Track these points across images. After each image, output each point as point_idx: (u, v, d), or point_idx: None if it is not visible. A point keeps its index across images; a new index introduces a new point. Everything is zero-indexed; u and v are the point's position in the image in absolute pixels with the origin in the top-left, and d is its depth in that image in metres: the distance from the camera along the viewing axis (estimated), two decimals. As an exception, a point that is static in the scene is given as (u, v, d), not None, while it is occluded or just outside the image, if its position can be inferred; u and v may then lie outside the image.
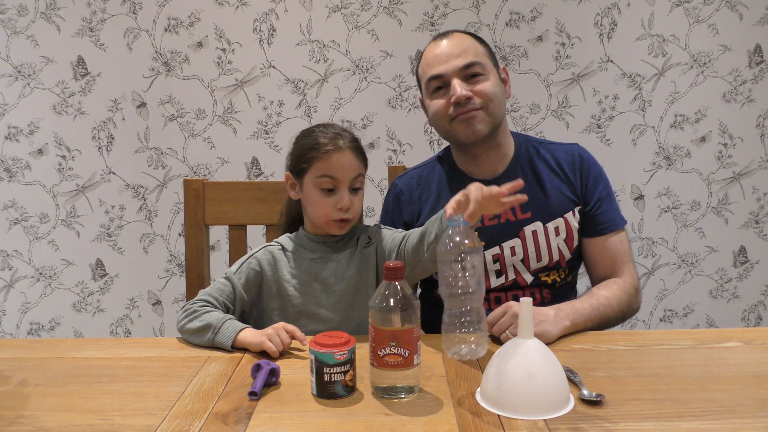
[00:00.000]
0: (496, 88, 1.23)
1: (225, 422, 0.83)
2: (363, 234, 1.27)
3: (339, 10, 2.27)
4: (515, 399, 0.83)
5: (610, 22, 2.29)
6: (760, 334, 1.11)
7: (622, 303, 1.20)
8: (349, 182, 1.19)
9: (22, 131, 2.32)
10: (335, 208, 1.18)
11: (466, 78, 1.22)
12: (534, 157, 1.30)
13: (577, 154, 1.30)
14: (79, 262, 2.39)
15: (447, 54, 1.22)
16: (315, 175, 1.19)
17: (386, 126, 2.33)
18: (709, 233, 2.42)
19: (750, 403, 0.85)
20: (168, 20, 2.27)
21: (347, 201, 1.18)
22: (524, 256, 1.25)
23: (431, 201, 1.32)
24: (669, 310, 2.47)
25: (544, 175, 1.28)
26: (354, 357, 0.91)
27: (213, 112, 2.32)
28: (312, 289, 1.21)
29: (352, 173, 1.19)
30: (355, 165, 1.19)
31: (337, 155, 1.18)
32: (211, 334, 1.08)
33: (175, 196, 2.35)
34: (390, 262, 0.88)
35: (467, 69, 1.21)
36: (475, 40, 1.26)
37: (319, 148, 1.19)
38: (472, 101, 1.21)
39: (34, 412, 0.87)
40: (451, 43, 1.24)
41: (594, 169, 1.30)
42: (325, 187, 1.19)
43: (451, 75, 1.22)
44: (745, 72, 2.33)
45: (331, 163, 1.18)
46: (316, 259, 1.23)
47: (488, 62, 1.25)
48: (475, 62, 1.22)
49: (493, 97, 1.22)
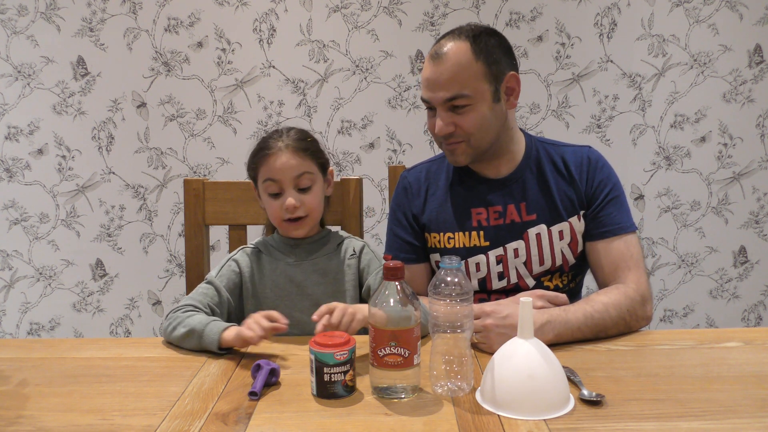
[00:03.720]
0: (483, 117, 1.18)
1: (225, 422, 0.83)
2: (347, 243, 1.27)
3: (339, 10, 2.27)
4: (515, 399, 0.83)
5: (610, 22, 2.29)
6: (760, 334, 1.11)
7: (622, 310, 1.12)
8: (292, 182, 1.18)
9: (22, 131, 2.32)
10: (282, 209, 1.18)
11: (452, 108, 1.18)
12: (543, 160, 1.28)
13: (585, 157, 1.27)
14: (79, 262, 2.39)
15: (434, 81, 1.18)
16: (261, 181, 1.20)
17: (386, 126, 2.33)
18: (709, 233, 2.42)
19: (750, 403, 0.85)
20: (168, 20, 2.27)
21: (291, 201, 1.17)
22: (527, 258, 1.24)
23: (439, 195, 1.31)
24: (669, 310, 2.47)
25: (551, 177, 1.26)
26: (354, 357, 0.91)
27: (213, 112, 2.32)
28: (287, 293, 1.21)
29: (293, 172, 1.18)
30: (296, 164, 1.18)
31: (275, 157, 1.18)
32: (197, 338, 1.06)
33: (175, 196, 2.35)
34: (390, 262, 0.89)
35: (451, 101, 1.17)
36: (472, 53, 1.16)
37: (259, 153, 1.20)
38: (454, 134, 1.19)
39: (34, 412, 0.87)
40: (441, 68, 1.17)
41: (602, 172, 1.26)
42: (271, 192, 1.20)
43: (436, 104, 1.19)
44: (745, 72, 2.33)
45: (270, 166, 1.18)
46: (291, 264, 1.23)
47: (481, 86, 1.17)
48: (460, 95, 1.16)
49: (475, 131, 1.18)
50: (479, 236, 1.26)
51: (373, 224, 2.38)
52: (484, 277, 1.26)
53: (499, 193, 1.26)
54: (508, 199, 1.26)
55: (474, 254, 1.26)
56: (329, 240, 1.27)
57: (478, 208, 1.27)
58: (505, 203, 1.26)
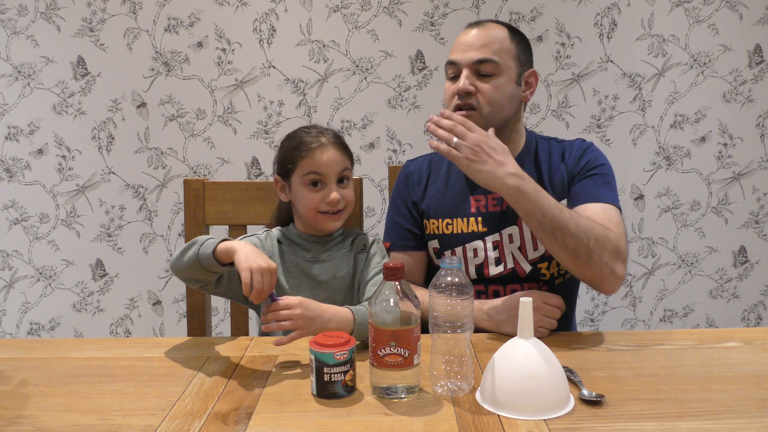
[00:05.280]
0: (503, 92, 1.21)
1: (225, 422, 0.83)
2: (360, 239, 1.29)
3: (339, 10, 2.27)
4: (515, 399, 0.83)
5: (610, 22, 2.29)
6: (760, 334, 1.11)
7: (593, 230, 1.09)
8: (335, 176, 1.22)
9: (22, 131, 2.32)
10: (323, 201, 1.21)
11: (478, 73, 1.21)
12: (540, 151, 1.31)
13: (578, 143, 1.30)
14: (79, 262, 2.39)
15: (468, 44, 1.21)
16: (302, 174, 1.22)
17: (386, 126, 2.33)
18: (709, 233, 2.42)
19: (750, 403, 0.85)
20: (168, 20, 2.27)
21: (335, 195, 1.21)
22: (521, 243, 1.25)
23: (439, 183, 1.34)
24: (669, 310, 2.47)
25: (544, 167, 1.29)
26: (354, 357, 0.91)
27: (213, 112, 2.32)
28: (301, 286, 1.23)
29: (337, 167, 1.22)
30: (340, 159, 1.22)
31: (320, 151, 1.21)
32: (197, 247, 1.04)
33: (175, 196, 2.35)
34: (390, 262, 0.89)
35: (479, 64, 1.20)
36: (509, 35, 1.23)
37: (303, 147, 1.22)
38: (472, 97, 1.21)
39: (34, 412, 0.87)
40: (479, 33, 1.22)
41: (589, 154, 1.27)
42: (314, 184, 1.22)
43: (464, 65, 1.21)
44: (745, 72, 2.33)
45: (315, 159, 1.21)
46: (308, 259, 1.25)
47: (509, 62, 1.22)
48: (490, 59, 1.20)
49: (492, 101, 1.20)
50: (477, 222, 1.28)
51: (373, 224, 2.38)
52: (481, 263, 1.27)
53: None
54: None
55: (471, 240, 1.28)
56: (346, 237, 1.29)
57: (477, 195, 1.29)
58: None
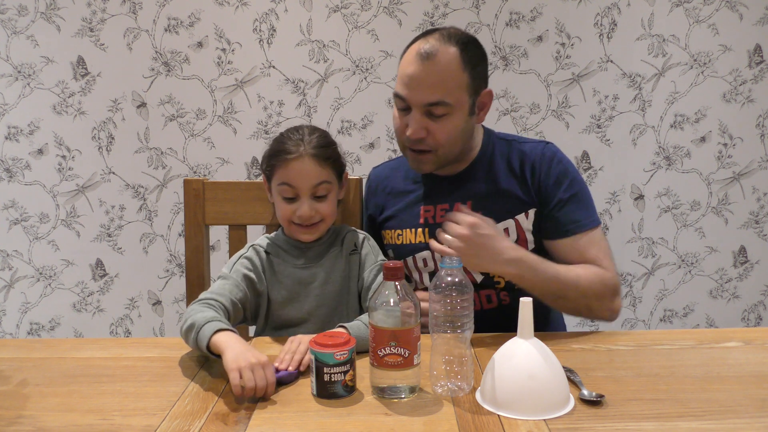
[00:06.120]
0: (457, 129, 1.17)
1: (225, 422, 0.83)
2: (349, 237, 1.26)
3: (339, 10, 2.27)
4: (515, 399, 0.83)
5: (610, 22, 2.29)
6: (760, 334, 1.11)
7: (591, 288, 1.12)
8: (309, 190, 1.17)
9: (22, 131, 2.32)
10: (295, 215, 1.17)
11: (429, 113, 1.15)
12: (496, 157, 1.27)
13: (539, 154, 1.24)
14: (79, 262, 2.39)
15: (419, 81, 1.13)
16: (277, 183, 1.19)
17: (386, 126, 2.33)
18: (709, 233, 2.42)
19: (750, 403, 0.85)
20: (168, 20, 2.27)
21: (306, 210, 1.16)
22: None
23: (394, 194, 1.34)
24: (669, 310, 2.47)
25: (501, 175, 1.25)
26: (354, 357, 0.91)
27: (213, 112, 2.32)
28: (296, 294, 1.20)
29: (312, 181, 1.16)
30: (315, 173, 1.16)
31: (295, 163, 1.16)
32: (194, 333, 0.99)
33: (175, 196, 2.35)
34: (390, 262, 0.89)
35: (431, 106, 1.14)
36: (461, 62, 1.14)
37: (280, 155, 1.17)
38: (424, 141, 1.17)
39: (34, 412, 0.87)
40: (430, 69, 1.13)
41: (557, 169, 1.23)
42: (286, 195, 1.18)
43: (414, 105, 1.15)
44: (745, 72, 2.33)
45: (289, 171, 1.16)
46: (300, 266, 1.22)
47: (462, 97, 1.16)
48: (442, 102, 1.13)
49: (446, 141, 1.17)
50: (424, 233, 1.27)
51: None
52: (433, 271, 1.27)
53: (449, 191, 1.28)
54: (456, 197, 1.27)
55: (419, 251, 1.28)
56: (335, 239, 1.26)
57: (427, 206, 1.29)
58: (453, 201, 1.26)
